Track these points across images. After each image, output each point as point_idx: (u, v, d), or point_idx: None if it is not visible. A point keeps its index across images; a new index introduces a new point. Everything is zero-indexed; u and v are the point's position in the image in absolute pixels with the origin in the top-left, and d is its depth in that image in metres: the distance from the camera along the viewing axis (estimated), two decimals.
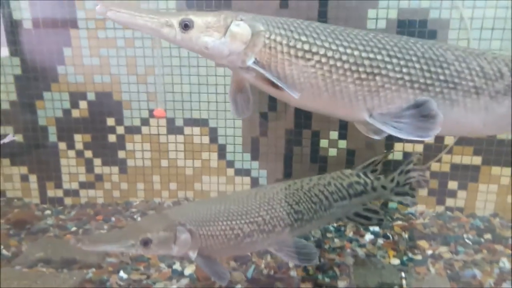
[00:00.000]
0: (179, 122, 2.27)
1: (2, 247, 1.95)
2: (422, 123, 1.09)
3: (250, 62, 1.12)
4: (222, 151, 2.29)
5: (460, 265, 1.77)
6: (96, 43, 2.17)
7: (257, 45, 1.11)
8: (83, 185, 2.38)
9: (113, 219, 2.19)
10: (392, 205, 2.21)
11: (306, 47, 1.10)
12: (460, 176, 2.12)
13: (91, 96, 2.25)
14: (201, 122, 2.26)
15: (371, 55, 1.10)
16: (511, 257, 1.80)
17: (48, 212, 2.30)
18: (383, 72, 1.10)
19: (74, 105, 2.26)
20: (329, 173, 1.74)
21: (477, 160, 2.09)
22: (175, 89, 2.21)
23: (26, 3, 2.11)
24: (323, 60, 1.09)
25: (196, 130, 2.27)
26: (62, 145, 2.32)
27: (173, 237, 1.39)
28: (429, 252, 1.85)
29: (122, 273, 1.73)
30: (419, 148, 2.13)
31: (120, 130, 2.29)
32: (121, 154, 2.33)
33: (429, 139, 1.08)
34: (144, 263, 1.81)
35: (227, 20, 1.12)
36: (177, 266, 1.78)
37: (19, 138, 2.30)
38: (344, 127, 2.17)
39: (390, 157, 2.15)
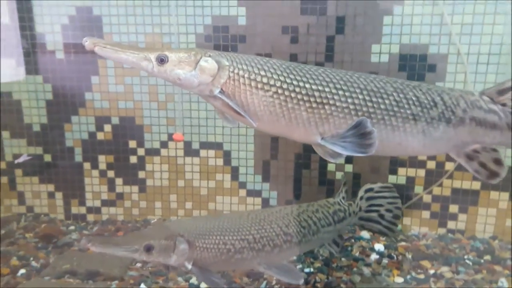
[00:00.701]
0: (195, 145, 2.39)
1: (32, 258, 2.07)
2: (362, 140, 1.22)
3: (216, 92, 1.26)
4: (235, 173, 2.41)
5: (460, 284, 1.84)
6: (121, 72, 2.32)
7: (223, 78, 1.25)
8: (105, 203, 2.50)
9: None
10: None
11: (265, 80, 1.24)
12: (460, 200, 2.21)
13: (115, 120, 2.39)
14: (216, 146, 2.38)
15: (320, 87, 1.24)
16: (511, 277, 1.88)
17: (72, 227, 2.41)
18: (331, 102, 1.24)
19: (99, 128, 2.40)
20: (316, 202, 1.86)
21: (476, 185, 2.18)
22: (192, 115, 2.35)
23: (59, 35, 2.28)
24: (279, 91, 1.23)
25: (211, 153, 2.39)
26: (86, 165, 2.45)
27: (173, 246, 1.49)
28: (431, 271, 1.93)
29: (143, 285, 1.84)
30: (421, 173, 2.23)
31: (141, 152, 2.42)
32: (141, 174, 2.45)
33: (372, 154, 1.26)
34: (162, 277, 1.91)
35: (197, 56, 1.26)
36: (193, 280, 1.88)
37: (47, 158, 2.45)
38: None
39: (394, 180, 2.25)
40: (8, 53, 2.26)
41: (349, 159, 2.29)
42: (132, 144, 2.41)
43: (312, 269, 1.94)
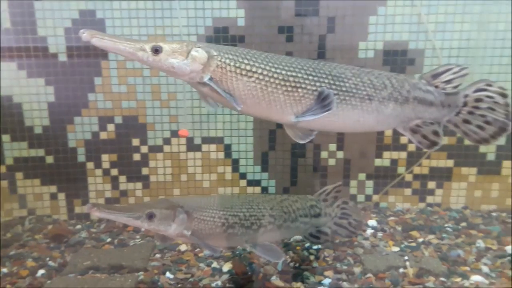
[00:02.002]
0: (197, 141, 2.45)
1: (48, 259, 2.03)
2: (324, 102, 1.38)
3: (206, 79, 1.36)
4: (235, 165, 2.49)
5: (446, 247, 2.06)
6: (124, 73, 2.32)
7: (212, 66, 1.36)
8: (108, 201, 2.48)
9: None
10: (382, 204, 2.50)
11: (248, 67, 1.37)
12: (437, 177, 2.45)
13: (118, 119, 2.38)
14: (217, 140, 2.45)
15: (294, 74, 1.39)
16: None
17: (78, 226, 2.38)
18: (303, 86, 1.39)
19: (102, 128, 2.39)
20: (296, 195, 1.98)
21: (450, 163, 2.42)
22: (194, 112, 2.40)
23: (62, 39, 2.24)
24: (260, 77, 1.37)
25: (213, 147, 2.46)
26: (90, 165, 2.43)
27: (173, 215, 1.57)
28: (420, 240, 2.14)
29: (168, 274, 1.88)
30: (403, 155, 2.44)
31: (144, 149, 2.43)
32: (144, 171, 2.46)
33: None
34: (184, 265, 1.96)
35: (189, 47, 1.36)
36: (215, 264, 1.95)
37: (49, 160, 2.39)
38: (341, 140, 2.44)
39: (380, 163, 2.45)
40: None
41: (340, 147, 2.45)
42: (136, 142, 2.42)
43: (319, 246, 2.07)
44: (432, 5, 2.24)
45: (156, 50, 1.32)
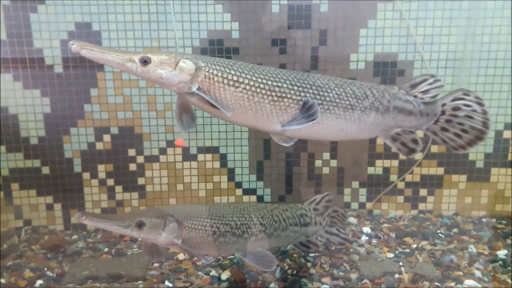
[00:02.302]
0: (193, 150, 2.47)
1: (46, 269, 2.02)
2: (309, 112, 1.44)
3: (194, 89, 1.40)
4: (231, 174, 2.51)
5: (439, 253, 2.10)
6: (120, 84, 2.34)
7: (199, 76, 1.40)
8: (105, 211, 2.48)
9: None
10: (376, 212, 2.54)
11: (235, 78, 1.41)
12: (428, 185, 2.50)
13: (114, 130, 2.39)
14: (213, 150, 2.47)
15: (279, 84, 1.45)
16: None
17: (75, 237, 2.37)
18: (288, 96, 1.44)
19: (98, 138, 2.39)
20: (286, 204, 2.02)
21: (440, 170, 2.48)
22: None
23: (58, 51, 2.26)
24: (247, 87, 1.41)
25: (208, 156, 2.48)
26: (86, 175, 2.43)
27: (163, 224, 1.57)
28: (414, 246, 2.18)
29: (167, 283, 1.89)
30: (395, 163, 2.49)
31: (140, 159, 2.45)
32: (140, 181, 2.47)
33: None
34: (183, 273, 1.97)
35: (177, 58, 1.40)
36: (213, 272, 1.96)
37: (45, 170, 2.39)
38: (334, 149, 2.48)
39: (373, 171, 2.49)
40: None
41: (333, 155, 2.50)
42: (132, 152, 2.43)
43: (316, 253, 2.10)
44: (420, 19, 2.31)
45: (145, 61, 1.35)
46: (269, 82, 1.42)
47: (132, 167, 2.45)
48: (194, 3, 2.27)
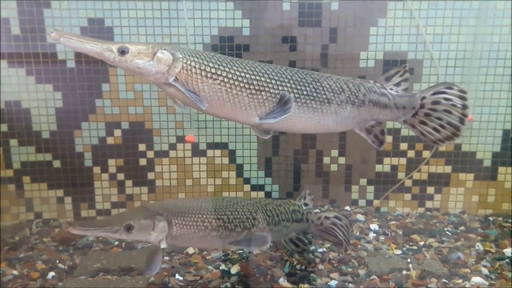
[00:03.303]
0: (202, 146, 2.48)
1: (57, 261, 2.04)
2: (285, 106, 1.45)
3: (171, 80, 1.40)
4: (239, 170, 2.53)
5: (446, 250, 2.11)
6: (131, 79, 2.36)
7: (177, 68, 1.39)
8: (114, 205, 2.50)
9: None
10: (383, 209, 2.55)
11: (213, 70, 1.41)
12: (435, 183, 2.51)
13: (125, 125, 2.41)
14: (222, 146, 2.49)
15: (258, 77, 1.45)
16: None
17: None
18: (266, 89, 1.45)
19: (109, 133, 2.41)
20: (279, 199, 2.01)
21: (448, 169, 2.49)
22: (199, 118, 2.44)
23: None
24: (225, 80, 1.42)
25: (217, 152, 2.50)
26: (96, 169, 2.45)
27: (152, 224, 1.54)
28: (421, 243, 2.19)
29: (177, 276, 1.90)
30: (403, 161, 2.50)
31: (150, 154, 2.46)
32: (150, 175, 2.49)
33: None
34: (192, 267, 1.99)
35: (154, 48, 1.40)
36: (223, 266, 1.98)
37: (56, 164, 2.41)
38: (342, 146, 2.49)
39: (380, 169, 2.50)
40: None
41: (341, 153, 2.51)
42: (142, 147, 2.45)
43: (324, 249, 2.11)
44: (430, 18, 2.31)
45: (123, 51, 1.35)
46: (248, 75, 1.43)
47: (142, 162, 2.47)
48: (206, 0, 2.28)
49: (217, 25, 2.32)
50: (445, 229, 2.33)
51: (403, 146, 2.47)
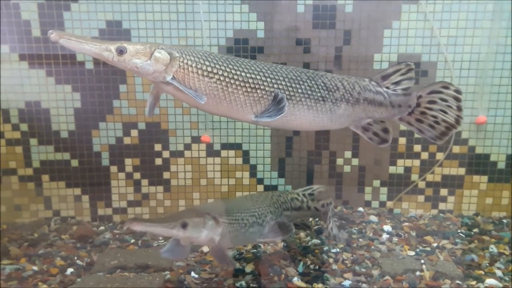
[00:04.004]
0: (216, 147, 2.51)
1: (76, 258, 2.09)
2: (279, 105, 1.47)
3: (169, 79, 1.43)
4: (253, 170, 2.55)
5: (460, 252, 2.11)
6: (148, 81, 2.38)
7: (174, 66, 1.42)
8: (131, 204, 2.54)
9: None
10: (396, 210, 2.55)
11: (209, 69, 1.44)
12: (449, 185, 2.50)
13: (141, 125, 2.45)
14: (236, 146, 2.51)
15: (253, 75, 1.47)
16: None
17: (102, 228, 2.44)
18: (262, 87, 1.47)
19: (126, 133, 2.45)
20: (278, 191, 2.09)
21: (461, 171, 2.48)
22: (214, 119, 2.47)
23: None
24: (221, 78, 1.44)
25: (231, 153, 2.52)
26: (113, 169, 2.49)
27: (203, 222, 1.62)
28: (435, 244, 2.19)
29: (193, 274, 1.93)
30: (416, 163, 2.49)
31: (165, 154, 2.50)
32: (165, 175, 2.52)
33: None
34: (207, 265, 2.01)
35: (152, 48, 1.42)
36: (238, 265, 2.00)
37: (74, 163, 2.45)
38: (356, 148, 2.50)
39: (394, 171, 2.50)
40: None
41: (355, 154, 2.51)
42: (158, 147, 2.49)
43: (338, 249, 2.12)
44: (444, 20, 2.31)
45: (121, 51, 1.38)
46: (243, 74, 1.45)
47: (158, 161, 2.50)
48: (222, 2, 2.31)
49: (232, 28, 2.34)
50: (459, 231, 2.32)
51: (417, 148, 2.47)
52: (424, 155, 2.47)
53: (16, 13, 2.26)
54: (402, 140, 2.47)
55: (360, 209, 2.55)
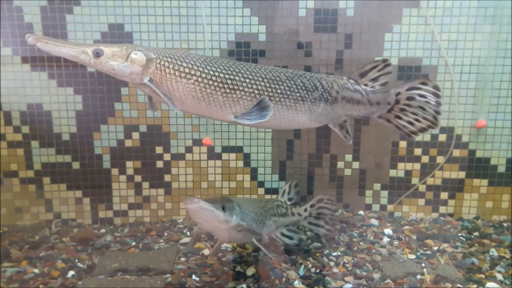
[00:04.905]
0: (217, 149, 2.51)
1: (76, 260, 2.08)
2: (262, 112, 1.49)
3: (146, 80, 1.44)
4: (254, 173, 2.55)
5: (461, 256, 2.11)
6: None
7: (151, 68, 1.44)
8: (131, 206, 2.54)
9: (165, 234, 2.37)
10: (397, 214, 2.55)
11: (187, 70, 1.45)
12: (449, 188, 2.51)
13: (142, 128, 2.45)
14: (237, 149, 2.52)
15: (232, 76, 1.48)
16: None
17: (103, 230, 2.43)
18: (241, 88, 1.48)
19: (128, 136, 2.45)
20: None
21: (462, 174, 2.48)
22: (215, 122, 2.47)
23: None
24: (199, 79, 1.45)
25: (232, 155, 2.52)
26: (114, 171, 2.49)
27: (234, 208, 1.69)
28: (435, 248, 2.19)
29: (194, 277, 1.93)
30: (417, 166, 2.50)
31: (167, 157, 2.50)
32: (166, 177, 2.52)
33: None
34: (208, 268, 2.01)
35: (128, 50, 1.43)
36: (239, 268, 2.00)
37: (76, 166, 2.45)
38: (357, 151, 2.51)
39: (395, 174, 2.51)
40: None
41: (356, 157, 2.52)
42: (159, 150, 2.49)
43: (339, 253, 2.13)
44: (445, 24, 2.32)
45: (97, 53, 1.40)
46: (221, 75, 1.45)
47: (159, 164, 2.50)
48: (223, 6, 2.31)
49: (234, 31, 2.35)
50: (459, 234, 2.33)
51: (417, 151, 2.47)
52: (425, 159, 2.48)
53: (19, 15, 2.26)
54: (403, 144, 2.47)
55: (361, 212, 2.55)
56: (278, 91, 1.51)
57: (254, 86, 1.48)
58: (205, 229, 1.85)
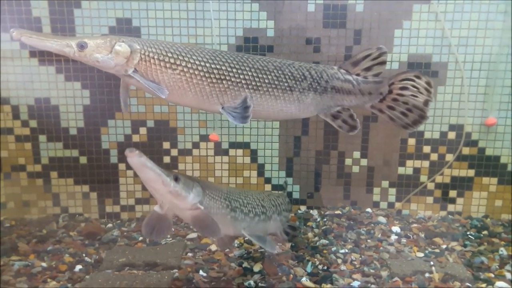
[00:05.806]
0: (224, 145, 2.51)
1: (84, 254, 2.09)
2: (244, 113, 1.48)
3: (130, 72, 1.43)
4: (261, 170, 2.54)
5: (469, 254, 2.09)
6: None
7: (135, 59, 1.42)
8: (138, 201, 2.54)
9: (172, 229, 2.36)
10: (405, 211, 2.54)
11: (172, 60, 1.43)
12: (458, 186, 2.49)
13: (150, 123, 2.45)
14: (244, 145, 2.51)
15: (218, 66, 1.46)
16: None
17: (110, 225, 2.44)
18: (227, 78, 1.46)
19: (135, 131, 2.45)
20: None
21: (471, 172, 2.46)
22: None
23: None
24: (185, 69, 1.43)
25: (239, 152, 2.52)
26: (121, 166, 2.49)
27: (192, 185, 1.57)
28: (444, 246, 2.17)
29: (201, 272, 1.93)
30: (425, 164, 2.48)
31: (174, 152, 2.50)
32: None
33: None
34: (216, 264, 2.01)
35: (112, 41, 1.42)
36: (246, 264, 1.99)
37: (83, 160, 2.46)
38: (365, 148, 2.49)
39: (403, 172, 2.49)
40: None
41: (364, 155, 2.50)
42: (166, 145, 2.48)
43: (346, 250, 2.12)
44: (455, 20, 2.30)
45: (82, 46, 1.39)
46: (208, 64, 1.44)
47: (166, 159, 2.50)
48: (232, 1, 2.30)
49: (242, 26, 2.34)
50: (468, 233, 2.31)
51: (426, 149, 2.45)
52: (434, 156, 2.46)
53: (27, 10, 2.26)
54: (412, 141, 2.45)
55: (369, 210, 2.53)
56: (266, 81, 1.49)
57: (241, 76, 1.46)
58: (160, 202, 1.68)
